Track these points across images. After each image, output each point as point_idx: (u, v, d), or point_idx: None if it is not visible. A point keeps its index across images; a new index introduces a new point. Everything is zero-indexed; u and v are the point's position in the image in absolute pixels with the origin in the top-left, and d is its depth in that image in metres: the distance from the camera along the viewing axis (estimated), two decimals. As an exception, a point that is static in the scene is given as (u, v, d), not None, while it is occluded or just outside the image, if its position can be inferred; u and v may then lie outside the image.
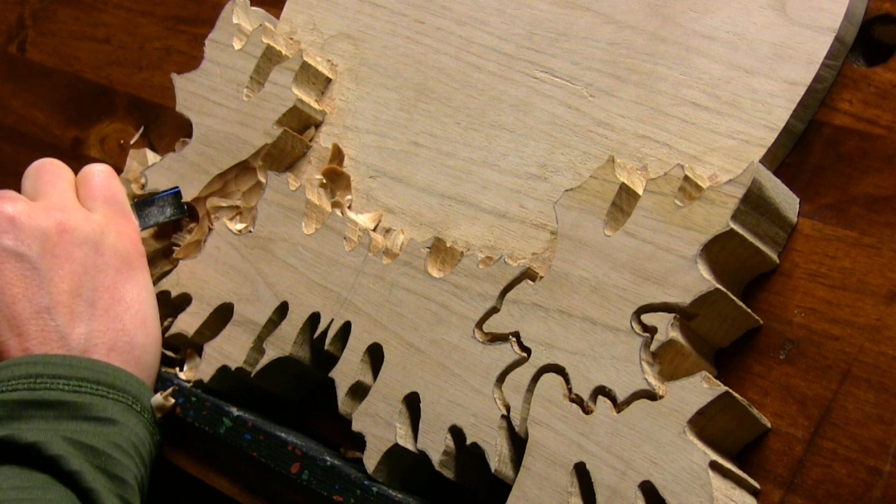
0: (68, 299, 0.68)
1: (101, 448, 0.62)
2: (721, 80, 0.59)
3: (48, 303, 0.67)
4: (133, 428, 0.64)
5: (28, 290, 0.67)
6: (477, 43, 0.68)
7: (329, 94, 0.73)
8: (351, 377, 0.65)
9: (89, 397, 0.64)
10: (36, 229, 0.68)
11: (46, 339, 0.67)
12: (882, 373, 0.53)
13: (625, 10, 0.63)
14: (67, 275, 0.68)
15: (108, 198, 0.72)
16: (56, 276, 0.68)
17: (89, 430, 0.63)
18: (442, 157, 0.67)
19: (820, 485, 0.53)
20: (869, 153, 0.56)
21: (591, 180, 0.59)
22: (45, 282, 0.68)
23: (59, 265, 0.68)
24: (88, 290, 0.68)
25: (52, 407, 0.63)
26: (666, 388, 0.55)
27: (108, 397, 0.65)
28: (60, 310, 0.67)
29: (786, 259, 0.57)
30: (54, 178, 0.72)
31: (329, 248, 0.67)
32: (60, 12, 0.92)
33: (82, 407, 0.64)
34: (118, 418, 0.64)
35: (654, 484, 0.54)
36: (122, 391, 0.65)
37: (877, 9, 0.58)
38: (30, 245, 0.68)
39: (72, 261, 0.68)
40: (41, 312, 0.67)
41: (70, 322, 0.67)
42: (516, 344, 0.60)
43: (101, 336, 0.68)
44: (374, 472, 0.62)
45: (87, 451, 0.62)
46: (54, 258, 0.68)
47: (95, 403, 0.64)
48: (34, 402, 0.63)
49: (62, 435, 0.62)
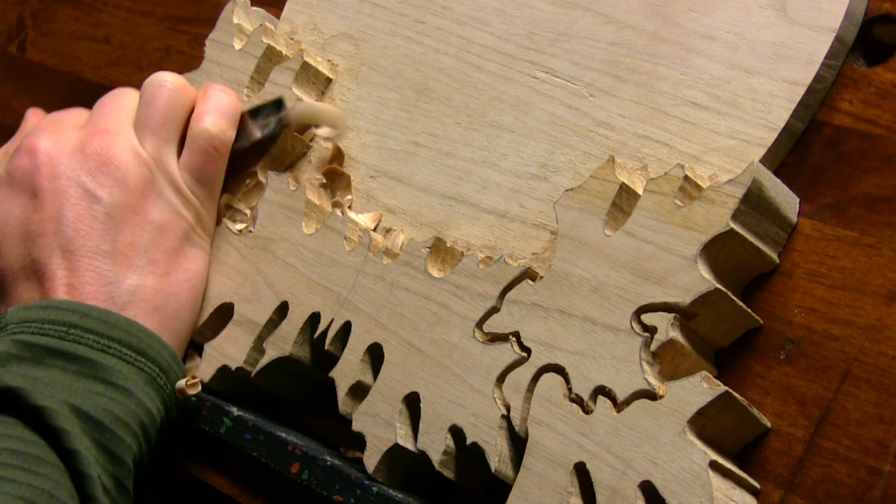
0: (128, 251, 0.68)
1: (107, 423, 0.62)
2: (721, 80, 0.59)
3: (108, 248, 0.67)
4: (147, 403, 0.64)
5: (92, 231, 0.67)
6: (477, 43, 0.68)
7: (329, 94, 0.73)
8: (351, 377, 0.65)
9: (114, 360, 0.64)
10: (120, 180, 0.68)
11: (93, 280, 0.67)
12: (882, 373, 0.53)
13: (625, 10, 0.63)
14: (135, 231, 0.68)
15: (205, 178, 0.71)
16: (125, 228, 0.68)
17: (102, 397, 0.63)
18: (442, 157, 0.67)
19: (820, 485, 0.53)
20: (869, 153, 0.56)
21: (591, 180, 0.59)
22: (111, 230, 0.68)
23: (133, 220, 0.68)
24: (151, 250, 0.68)
25: (75, 361, 0.63)
26: (666, 388, 0.55)
27: (133, 364, 0.64)
28: (118, 258, 0.67)
29: (786, 259, 0.57)
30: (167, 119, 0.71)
31: (329, 248, 0.67)
32: (60, 12, 0.92)
33: (104, 369, 0.63)
34: (135, 390, 0.64)
35: (654, 484, 0.54)
36: (150, 360, 0.65)
37: (877, 9, 0.57)
38: (110, 191, 0.68)
39: (144, 221, 0.68)
40: (97, 255, 0.67)
41: (123, 272, 0.67)
42: (516, 344, 0.60)
43: (150, 294, 0.68)
44: (374, 472, 0.62)
45: (91, 425, 0.62)
46: (130, 212, 0.68)
47: (119, 369, 0.64)
48: (60, 353, 0.63)
49: (71, 402, 0.61)
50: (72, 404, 0.62)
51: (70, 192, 0.68)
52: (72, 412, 0.61)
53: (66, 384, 0.62)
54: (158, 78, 0.72)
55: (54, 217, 0.68)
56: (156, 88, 0.72)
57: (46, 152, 0.69)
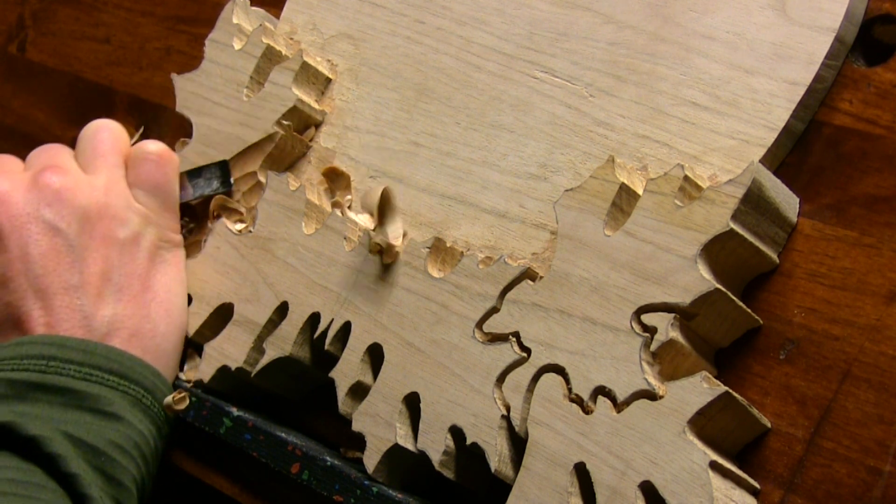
0: (98, 281, 0.68)
1: (102, 448, 0.62)
2: (721, 80, 0.59)
3: (77, 281, 0.67)
4: (137, 425, 0.64)
5: (59, 266, 0.67)
6: (477, 43, 0.68)
7: (329, 94, 0.73)
8: (351, 377, 0.65)
9: (98, 387, 0.64)
10: (78, 208, 0.69)
11: (70, 316, 0.67)
12: (882, 373, 0.53)
13: (625, 10, 0.63)
14: (101, 258, 0.68)
15: (156, 186, 0.72)
16: (90, 258, 0.68)
17: (92, 425, 0.63)
18: (442, 157, 0.67)
19: (820, 485, 0.53)
20: (869, 153, 0.56)
21: (591, 180, 0.59)
22: (77, 261, 0.68)
23: (95, 247, 0.68)
24: (119, 275, 0.68)
25: (59, 393, 0.63)
26: (666, 388, 0.55)
27: (117, 389, 0.64)
28: (88, 290, 0.67)
29: (786, 259, 0.57)
30: (109, 151, 0.72)
31: (329, 248, 0.67)
32: (60, 12, 0.92)
33: (89, 397, 0.63)
34: (124, 414, 0.64)
35: (654, 484, 0.54)
36: (133, 383, 0.65)
37: (877, 9, 0.57)
38: (69, 222, 0.68)
39: (108, 245, 0.69)
40: (69, 290, 0.67)
41: (96, 303, 0.67)
42: (516, 344, 0.60)
43: (125, 321, 0.68)
44: (374, 472, 0.62)
45: (86, 450, 0.62)
46: (91, 239, 0.68)
47: (104, 395, 0.64)
48: (42, 386, 0.63)
49: (63, 430, 0.61)
50: (64, 431, 0.62)
51: (31, 228, 0.68)
52: (65, 438, 0.61)
53: (55, 416, 0.62)
54: (93, 123, 0.74)
55: (20, 257, 0.68)
56: (94, 130, 0.73)
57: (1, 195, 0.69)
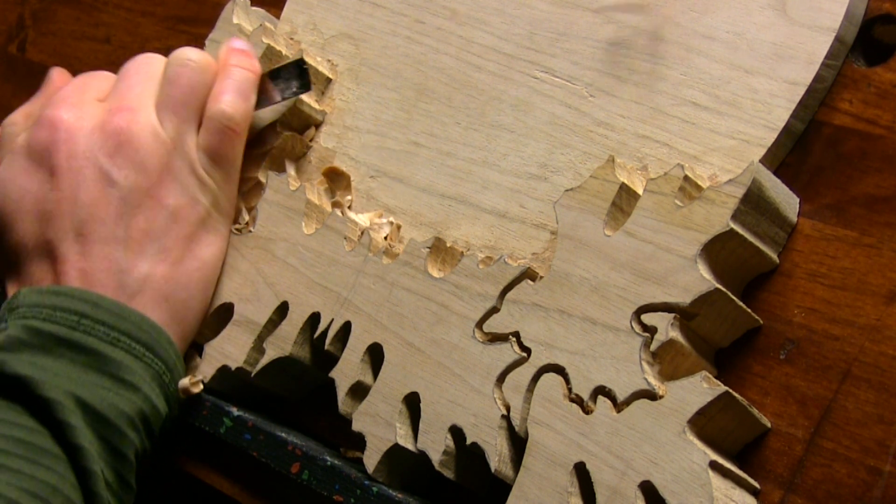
0: (141, 237, 0.67)
1: (113, 419, 0.62)
2: (721, 80, 0.59)
3: (121, 235, 0.67)
4: (153, 399, 0.64)
5: (107, 216, 0.67)
6: (477, 43, 0.68)
7: (329, 94, 0.73)
8: (351, 377, 0.65)
9: (123, 354, 0.64)
10: (138, 163, 0.68)
11: (106, 267, 0.66)
12: (882, 373, 0.53)
13: (625, 10, 0.63)
14: (150, 217, 0.68)
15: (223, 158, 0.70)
16: (140, 213, 0.68)
17: (109, 391, 0.63)
18: (442, 157, 0.67)
19: (820, 485, 0.53)
20: (869, 153, 0.56)
21: (591, 180, 0.59)
22: (126, 214, 0.67)
23: (148, 206, 0.68)
24: (164, 236, 0.68)
25: (84, 353, 0.63)
26: (666, 388, 0.55)
27: (142, 359, 0.64)
28: (131, 245, 0.67)
29: (786, 259, 0.57)
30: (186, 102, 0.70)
31: (329, 248, 0.67)
32: (60, 12, 0.92)
33: (112, 363, 0.63)
34: (142, 385, 0.64)
35: (654, 484, 0.54)
36: (158, 357, 0.65)
37: (877, 9, 0.57)
38: (126, 175, 0.68)
39: (159, 206, 0.68)
40: (110, 241, 0.67)
41: (135, 259, 0.67)
42: (516, 344, 0.60)
43: (160, 283, 0.67)
44: (374, 472, 0.62)
45: (97, 419, 0.62)
46: (146, 196, 0.68)
47: (127, 363, 0.64)
48: (70, 343, 0.63)
49: (78, 395, 0.62)
50: (78, 396, 0.62)
51: (87, 173, 0.67)
52: (77, 405, 0.61)
53: (74, 376, 0.62)
54: (182, 55, 0.71)
55: (70, 198, 0.67)
56: (179, 66, 0.71)
57: (67, 128, 0.68)
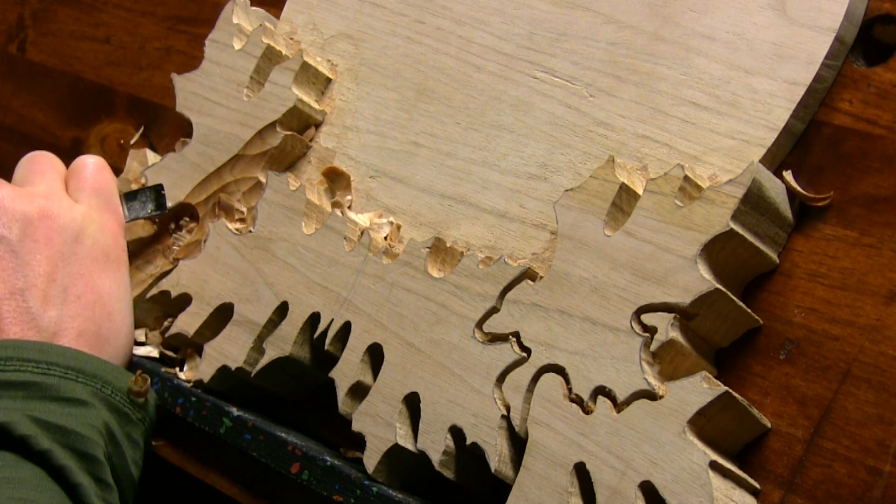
0: (43, 283, 0.68)
1: (70, 427, 0.63)
2: (721, 80, 0.59)
3: (23, 285, 0.68)
4: (101, 412, 0.65)
5: (4, 272, 0.68)
6: (477, 43, 0.68)
7: (329, 94, 0.73)
8: (351, 377, 0.65)
9: (57, 379, 0.65)
10: (18, 213, 0.69)
11: (18, 319, 0.67)
12: (882, 373, 0.53)
13: (625, 10, 0.63)
14: (45, 259, 0.69)
15: (96, 189, 0.73)
16: (34, 260, 0.69)
17: (57, 411, 0.63)
18: (442, 157, 0.67)
19: (820, 485, 0.53)
20: (869, 153, 0.56)
21: (591, 180, 0.59)
22: (22, 265, 0.68)
23: (38, 249, 0.69)
24: (63, 275, 0.69)
25: (21, 388, 0.64)
26: (666, 388, 0.55)
27: (77, 381, 0.65)
28: (35, 293, 0.68)
29: (786, 259, 0.57)
30: (45, 167, 0.74)
31: (329, 248, 0.67)
32: (60, 12, 0.92)
33: (51, 388, 0.64)
34: (87, 399, 0.64)
35: (654, 484, 0.54)
36: (91, 376, 0.66)
37: (877, 9, 0.58)
38: (10, 228, 0.69)
39: (51, 246, 0.69)
40: (15, 294, 0.68)
41: (43, 305, 0.68)
42: (516, 344, 0.60)
43: (70, 321, 0.68)
44: (374, 472, 0.62)
45: (54, 430, 0.62)
46: (34, 242, 0.69)
47: (64, 385, 0.64)
48: (3, 383, 0.64)
49: (29, 415, 0.62)
50: (31, 416, 0.62)
51: None
52: (32, 422, 0.62)
53: (19, 406, 0.63)
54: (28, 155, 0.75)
55: None
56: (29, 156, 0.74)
57: None
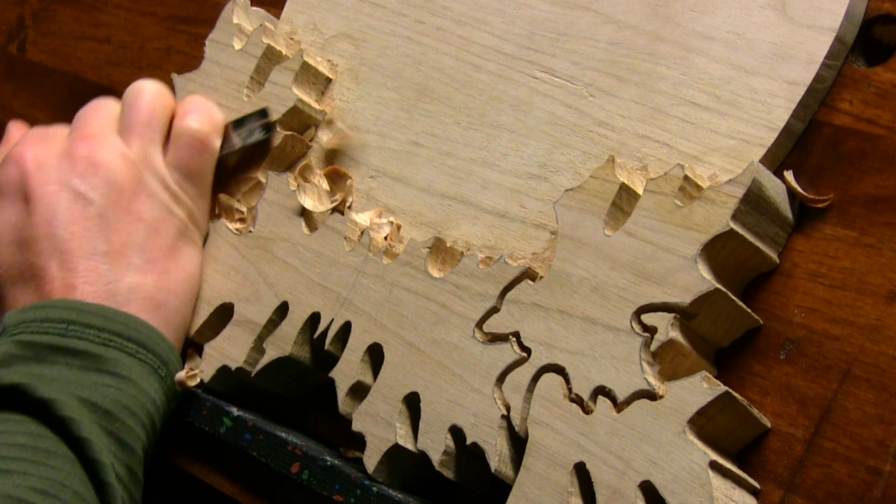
0: (125, 249, 0.68)
1: (116, 413, 0.62)
2: (721, 80, 0.59)
3: (104, 248, 0.68)
4: (152, 394, 0.65)
5: (87, 232, 0.68)
6: (477, 43, 0.68)
7: (329, 94, 0.73)
8: (351, 377, 0.65)
9: (116, 352, 0.64)
10: (110, 181, 0.69)
11: (94, 280, 0.67)
12: (882, 373, 0.53)
13: (625, 10, 0.63)
14: (129, 231, 0.69)
15: (194, 172, 0.72)
16: (119, 228, 0.68)
17: (108, 388, 0.63)
18: (442, 157, 0.67)
19: (820, 485, 0.53)
20: (869, 153, 0.56)
21: (591, 180, 0.59)
22: (105, 229, 0.68)
23: (126, 220, 0.69)
24: (145, 248, 0.69)
25: (77, 356, 0.63)
26: (666, 388, 0.55)
27: (135, 356, 0.65)
28: (115, 257, 0.68)
29: (786, 259, 0.57)
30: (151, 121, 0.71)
31: (329, 248, 0.67)
32: (60, 12, 0.92)
33: (107, 361, 0.64)
34: (140, 380, 0.64)
35: (654, 484, 0.54)
36: (151, 352, 0.66)
37: (877, 9, 0.57)
38: (101, 193, 0.68)
39: (137, 220, 0.69)
40: (94, 255, 0.67)
41: (121, 270, 0.68)
42: (516, 344, 0.60)
43: (149, 291, 0.68)
44: (374, 472, 0.62)
45: (100, 414, 0.62)
46: (124, 212, 0.69)
47: (121, 360, 0.64)
48: (61, 349, 0.63)
49: (78, 394, 0.62)
50: (79, 396, 0.62)
51: (62, 195, 0.68)
52: (80, 403, 0.62)
53: (72, 378, 0.63)
54: (137, 84, 0.73)
55: (48, 221, 0.68)
56: (136, 94, 0.72)
57: (34, 159, 0.70)
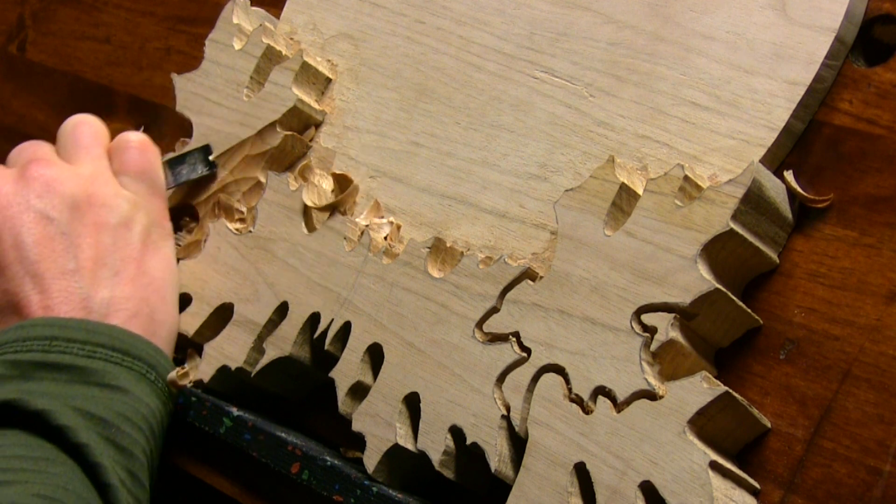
0: (93, 265, 0.68)
1: (111, 419, 0.62)
2: (721, 80, 0.59)
3: (73, 266, 0.68)
4: (145, 399, 0.65)
5: (54, 252, 0.68)
6: (477, 43, 0.68)
7: (329, 94, 0.73)
8: (351, 377, 0.65)
9: (102, 363, 0.64)
10: (67, 197, 0.69)
11: (68, 299, 0.67)
12: (882, 373, 0.53)
13: (625, 10, 0.63)
14: (94, 243, 0.69)
15: (141, 172, 0.72)
16: (83, 243, 0.68)
17: (100, 398, 0.63)
18: (442, 157, 0.67)
19: (820, 485, 0.53)
20: (869, 153, 0.56)
21: (591, 180, 0.59)
22: (71, 247, 0.68)
23: (87, 233, 0.69)
24: (114, 259, 0.69)
25: (64, 370, 0.63)
26: (666, 388, 0.55)
27: (122, 364, 0.65)
28: (85, 274, 0.68)
29: (786, 259, 0.57)
30: (91, 143, 0.73)
31: (329, 248, 0.67)
32: (60, 12, 0.92)
33: (94, 373, 0.64)
34: (130, 388, 0.64)
35: (654, 484, 0.54)
36: (137, 359, 0.65)
37: (877, 9, 0.57)
38: (60, 210, 0.69)
39: (100, 231, 0.69)
40: (65, 274, 0.67)
41: (94, 286, 0.68)
42: (516, 344, 0.60)
43: (123, 303, 0.68)
44: (374, 472, 0.62)
45: (95, 421, 0.62)
46: (83, 226, 0.69)
47: (108, 370, 0.64)
48: (47, 365, 0.63)
49: (71, 404, 0.62)
50: (72, 405, 0.62)
51: (24, 217, 0.69)
52: (73, 411, 0.61)
53: (61, 392, 0.62)
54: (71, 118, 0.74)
55: (15, 245, 0.68)
56: (73, 124, 0.74)
57: None
